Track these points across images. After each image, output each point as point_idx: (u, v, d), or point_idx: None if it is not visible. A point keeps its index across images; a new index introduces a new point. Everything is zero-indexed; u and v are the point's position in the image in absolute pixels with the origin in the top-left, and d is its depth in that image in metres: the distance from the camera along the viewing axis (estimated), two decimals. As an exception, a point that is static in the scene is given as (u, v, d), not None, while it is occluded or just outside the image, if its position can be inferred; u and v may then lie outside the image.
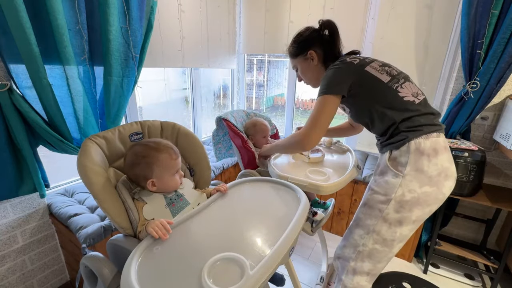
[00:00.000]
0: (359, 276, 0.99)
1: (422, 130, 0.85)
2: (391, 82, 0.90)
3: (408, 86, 0.92)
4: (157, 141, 0.88)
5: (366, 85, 0.91)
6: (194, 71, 2.11)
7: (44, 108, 1.06)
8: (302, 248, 1.83)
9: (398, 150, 0.88)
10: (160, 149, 0.84)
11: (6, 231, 1.14)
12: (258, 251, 0.63)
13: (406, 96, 0.89)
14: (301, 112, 4.83)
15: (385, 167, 0.91)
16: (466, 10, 1.36)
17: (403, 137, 0.86)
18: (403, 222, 0.89)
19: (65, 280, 1.40)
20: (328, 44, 1.05)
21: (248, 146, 1.31)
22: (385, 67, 0.94)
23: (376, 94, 0.91)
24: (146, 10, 1.25)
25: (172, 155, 0.85)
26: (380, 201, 0.91)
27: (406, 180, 0.86)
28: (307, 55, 1.06)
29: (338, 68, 0.95)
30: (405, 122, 0.87)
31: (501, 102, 1.51)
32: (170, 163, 0.84)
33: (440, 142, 0.87)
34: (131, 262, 0.60)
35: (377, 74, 0.91)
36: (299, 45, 1.08)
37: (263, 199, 0.90)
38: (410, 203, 0.87)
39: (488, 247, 1.69)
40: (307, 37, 1.06)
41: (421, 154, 0.84)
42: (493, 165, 1.61)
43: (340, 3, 1.83)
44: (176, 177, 0.86)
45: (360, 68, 0.93)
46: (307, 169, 1.15)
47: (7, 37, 0.93)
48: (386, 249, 0.94)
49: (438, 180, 0.85)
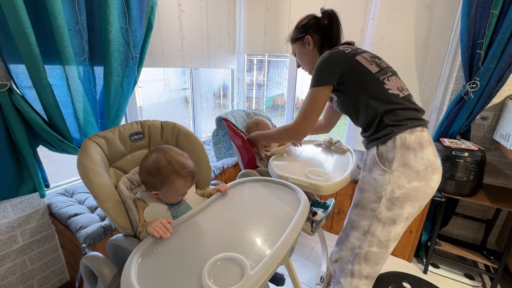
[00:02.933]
0: (357, 279, 0.99)
1: (406, 124, 0.87)
2: (378, 73, 0.92)
3: (394, 80, 0.94)
4: (183, 163, 0.82)
5: (355, 73, 0.93)
6: (194, 71, 2.11)
7: (44, 108, 1.06)
8: (302, 248, 1.83)
9: (385, 145, 0.89)
10: (181, 174, 0.80)
11: (6, 231, 1.14)
12: (258, 251, 0.63)
13: (391, 88, 0.91)
14: (301, 112, 4.81)
15: (373, 163, 0.92)
16: (466, 10, 1.36)
17: (389, 131, 0.88)
18: (396, 220, 0.89)
19: (65, 280, 1.40)
20: (325, 31, 1.06)
21: (248, 146, 1.31)
22: (375, 59, 0.96)
23: (363, 83, 0.92)
24: (146, 10, 1.25)
25: (188, 183, 0.82)
26: (372, 200, 0.91)
27: (394, 176, 0.86)
28: (304, 40, 1.09)
29: (330, 57, 0.95)
30: (389, 115, 0.88)
31: (501, 102, 1.52)
32: (182, 189, 0.82)
33: (425, 136, 0.88)
34: (131, 262, 0.60)
35: (367, 64, 0.93)
36: (298, 30, 1.12)
37: (263, 199, 0.90)
38: (400, 199, 0.87)
39: (488, 247, 1.69)
40: (306, 23, 1.09)
41: (407, 148, 0.85)
42: (493, 165, 1.61)
43: (340, 3, 1.83)
44: (179, 197, 0.85)
45: (351, 57, 0.94)
46: (307, 169, 1.15)
47: (7, 37, 0.93)
48: (382, 250, 0.94)
49: (425, 175, 0.86)
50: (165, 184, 0.79)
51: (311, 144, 1.51)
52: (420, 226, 1.63)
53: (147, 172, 0.80)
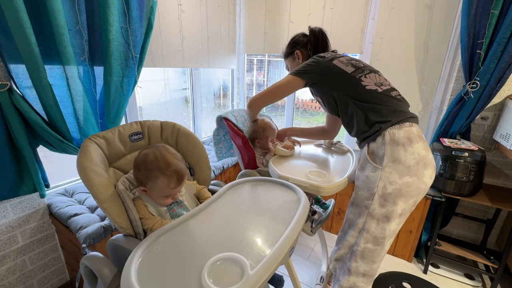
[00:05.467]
0: (354, 276, 1.00)
1: (391, 120, 0.88)
2: (354, 72, 0.98)
3: (372, 76, 0.98)
4: (169, 161, 0.79)
5: (331, 75, 1.01)
6: (194, 71, 2.11)
7: (44, 108, 1.05)
8: (302, 248, 1.83)
9: (375, 142, 0.91)
10: (164, 172, 0.78)
11: (6, 231, 1.14)
12: (258, 251, 0.63)
13: (369, 85, 0.95)
14: (301, 112, 4.83)
15: (365, 161, 0.94)
16: (466, 10, 1.36)
17: (377, 128, 0.90)
18: (390, 217, 0.90)
19: (65, 280, 1.40)
20: (312, 46, 1.19)
21: (249, 146, 1.31)
22: (352, 61, 1.03)
23: (339, 83, 1.00)
24: (146, 10, 1.25)
25: (171, 183, 0.79)
26: (365, 198, 0.93)
27: (385, 172, 0.87)
28: (294, 54, 1.23)
29: (311, 61, 1.06)
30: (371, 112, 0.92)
31: (501, 102, 1.52)
32: (165, 189, 0.79)
33: (414, 131, 0.89)
34: (131, 262, 0.60)
35: (343, 66, 1.01)
36: (289, 46, 1.26)
37: (263, 199, 0.90)
38: (393, 195, 0.87)
39: (488, 247, 1.69)
40: (296, 40, 1.24)
41: (396, 144, 0.86)
42: (493, 165, 1.61)
43: (340, 3, 1.83)
44: (167, 200, 0.82)
45: (329, 62, 1.03)
46: (308, 170, 1.15)
47: (7, 37, 0.93)
48: (378, 247, 0.95)
49: (417, 169, 0.86)
50: (149, 180, 0.79)
51: (312, 144, 1.51)
52: (420, 226, 1.63)
53: (135, 166, 0.82)
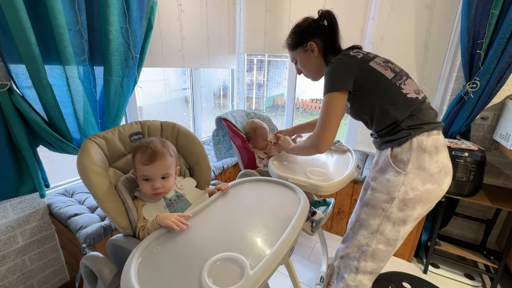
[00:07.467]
0: (362, 275, 1.00)
1: (423, 127, 0.86)
2: (395, 78, 0.89)
3: (410, 83, 0.91)
4: (152, 143, 0.83)
5: (370, 80, 0.89)
6: (194, 71, 2.11)
7: (44, 108, 1.06)
8: (302, 248, 1.83)
9: (400, 147, 0.88)
10: (141, 149, 0.81)
11: (6, 231, 1.14)
12: (258, 251, 0.63)
13: (409, 93, 0.89)
14: (301, 112, 4.83)
15: (386, 165, 0.91)
16: (466, 10, 1.36)
17: (405, 134, 0.86)
18: (407, 220, 0.90)
19: (65, 280, 1.40)
20: (329, 35, 1.01)
21: (248, 146, 1.31)
22: (389, 64, 0.93)
23: (380, 90, 0.88)
24: (146, 10, 1.25)
25: (143, 158, 0.78)
26: (383, 200, 0.91)
27: (408, 178, 0.86)
28: (307, 46, 1.02)
29: (342, 62, 0.91)
30: (407, 120, 0.86)
31: (501, 102, 1.51)
32: (141, 168, 0.79)
33: (440, 140, 0.87)
34: (131, 262, 0.60)
35: (382, 70, 0.89)
36: (298, 36, 1.05)
37: (263, 199, 0.90)
38: (413, 201, 0.87)
39: (488, 247, 1.69)
40: (307, 28, 1.03)
41: (423, 151, 0.85)
42: (493, 165, 1.61)
43: (340, 3, 1.83)
44: (147, 184, 0.80)
45: (364, 63, 0.90)
46: (307, 169, 1.15)
47: (7, 37, 0.93)
48: (389, 248, 0.94)
49: (439, 177, 0.86)
50: (133, 160, 0.83)
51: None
52: (420, 226, 1.63)
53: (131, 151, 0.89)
